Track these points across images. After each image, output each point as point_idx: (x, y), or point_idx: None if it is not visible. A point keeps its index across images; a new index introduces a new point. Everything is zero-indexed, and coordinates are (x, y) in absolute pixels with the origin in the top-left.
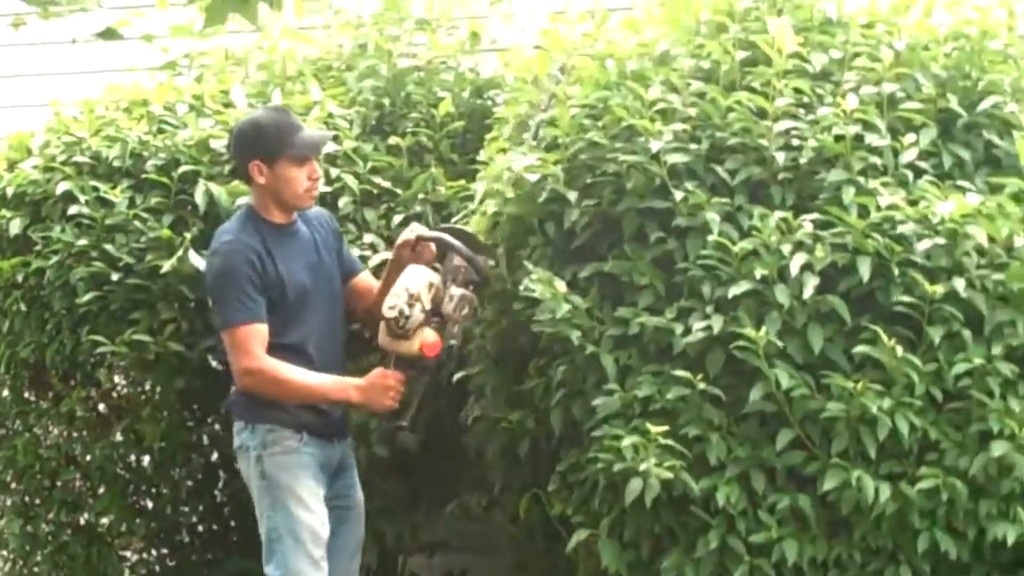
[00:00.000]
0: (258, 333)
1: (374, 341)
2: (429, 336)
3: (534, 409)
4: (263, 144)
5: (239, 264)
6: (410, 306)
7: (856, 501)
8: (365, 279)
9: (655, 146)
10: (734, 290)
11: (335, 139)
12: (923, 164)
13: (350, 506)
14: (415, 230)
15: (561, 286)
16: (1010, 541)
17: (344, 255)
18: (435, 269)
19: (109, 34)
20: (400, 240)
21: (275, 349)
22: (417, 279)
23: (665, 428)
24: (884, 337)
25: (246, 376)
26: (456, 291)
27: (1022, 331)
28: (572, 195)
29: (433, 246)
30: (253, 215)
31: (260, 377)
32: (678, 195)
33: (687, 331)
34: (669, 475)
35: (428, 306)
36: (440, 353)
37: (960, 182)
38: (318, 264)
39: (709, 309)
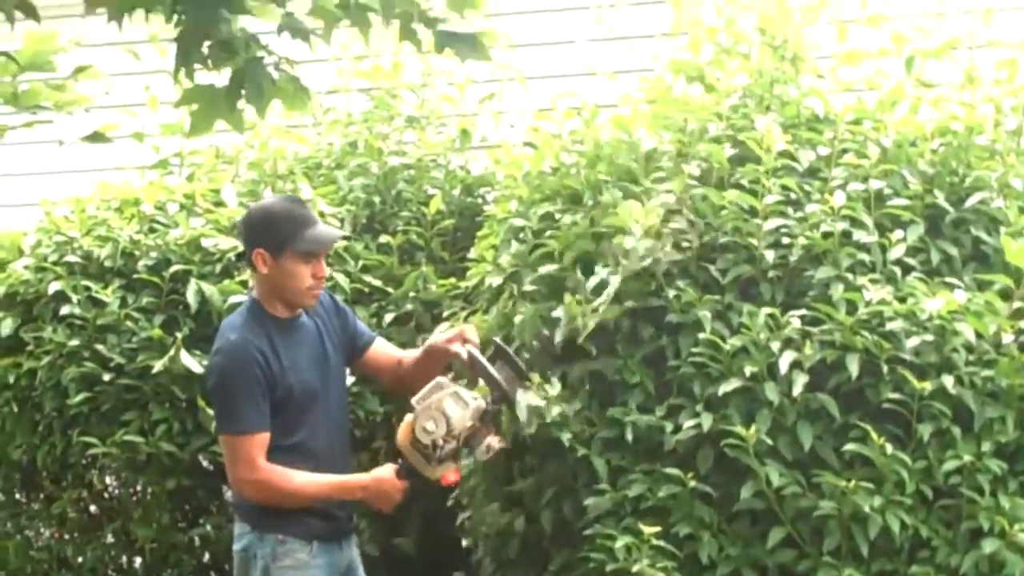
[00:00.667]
0: (262, 441)
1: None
2: (451, 473)
3: (524, 509)
4: (271, 234)
5: (246, 367)
6: (446, 441)
7: None
8: (382, 350)
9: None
10: (724, 388)
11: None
12: (911, 260)
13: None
14: (471, 347)
15: (553, 390)
16: None
17: (352, 330)
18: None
19: (96, 138)
20: (450, 343)
21: (278, 451)
22: (462, 415)
23: (657, 528)
24: (874, 435)
25: (248, 487)
26: (495, 442)
27: (1011, 427)
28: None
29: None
30: (257, 308)
31: (264, 487)
32: (671, 293)
33: (677, 429)
34: None
35: (462, 443)
36: (457, 480)
37: (948, 279)
38: (323, 358)
39: (699, 407)
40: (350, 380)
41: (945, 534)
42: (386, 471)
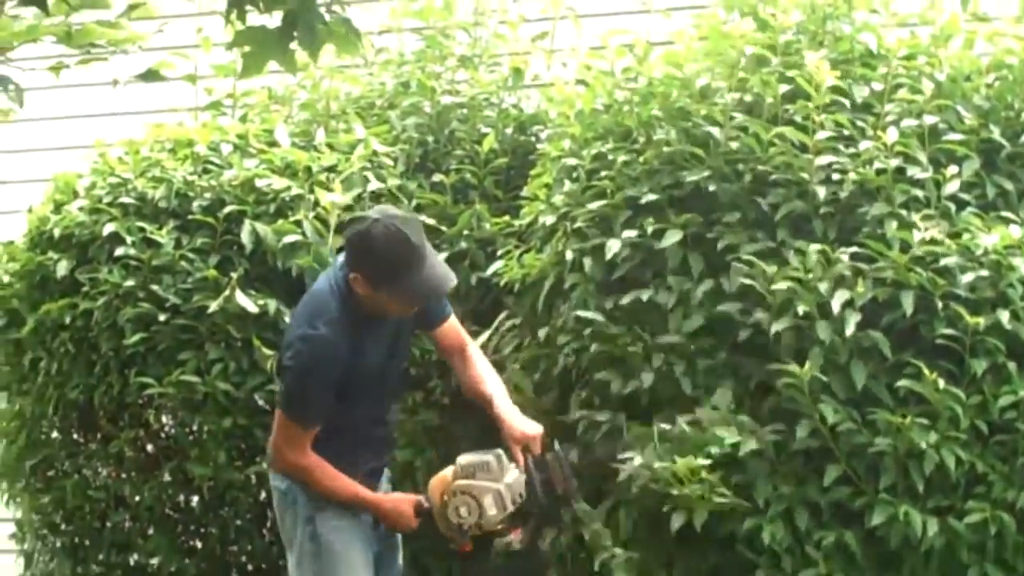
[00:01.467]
0: (313, 433)
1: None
2: (466, 546)
3: (576, 441)
4: (370, 269)
5: (329, 367)
6: (475, 528)
7: (904, 536)
8: (448, 332)
9: (696, 177)
10: (776, 326)
11: (379, 178)
12: (966, 196)
13: (394, 542)
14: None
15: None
16: None
17: (424, 315)
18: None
19: (151, 76)
20: (516, 442)
21: (325, 431)
22: (496, 516)
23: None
24: (926, 371)
25: (288, 466)
26: (516, 541)
27: None
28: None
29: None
30: (347, 293)
31: (297, 471)
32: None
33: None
34: (723, 499)
35: (484, 531)
36: (471, 549)
37: (1004, 213)
38: (396, 335)
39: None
40: None
41: (1001, 469)
42: (407, 504)
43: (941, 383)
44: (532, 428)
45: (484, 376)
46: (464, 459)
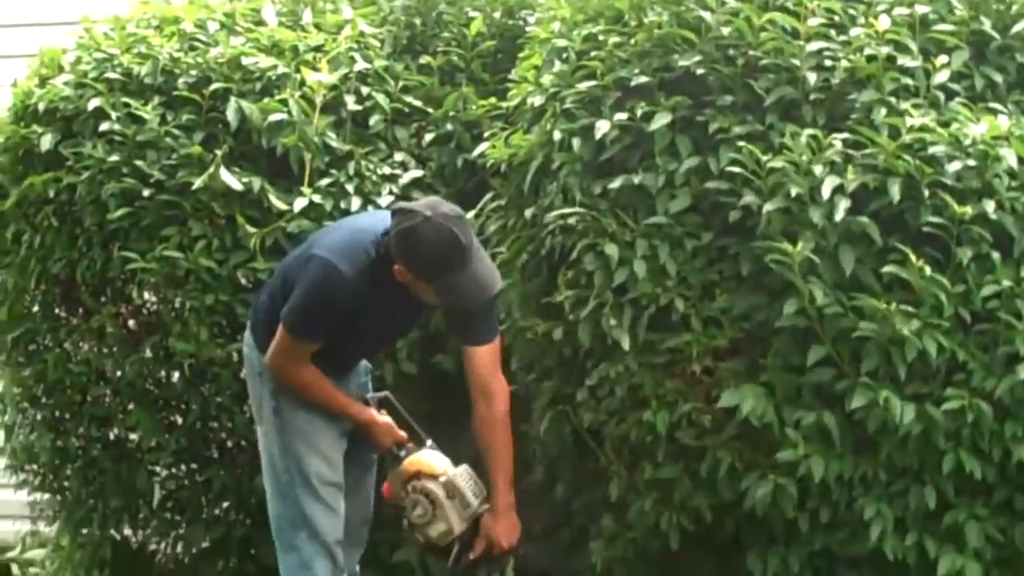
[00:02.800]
0: (311, 348)
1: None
2: (391, 491)
3: (563, 321)
4: (414, 264)
5: (334, 297)
6: (408, 521)
7: (883, 421)
8: (485, 359)
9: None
10: (768, 206)
11: (365, 59)
12: (955, 86)
13: (366, 463)
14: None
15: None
16: None
17: (468, 323)
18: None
19: None
20: (499, 545)
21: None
22: (436, 536)
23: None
24: (913, 258)
25: (278, 368)
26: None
27: None
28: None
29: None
30: (382, 260)
31: (291, 377)
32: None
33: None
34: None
35: (426, 521)
36: (388, 497)
37: (992, 104)
38: (413, 313)
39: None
40: None
41: (982, 358)
42: (390, 437)
43: (927, 270)
44: (507, 539)
45: (497, 451)
46: (459, 479)
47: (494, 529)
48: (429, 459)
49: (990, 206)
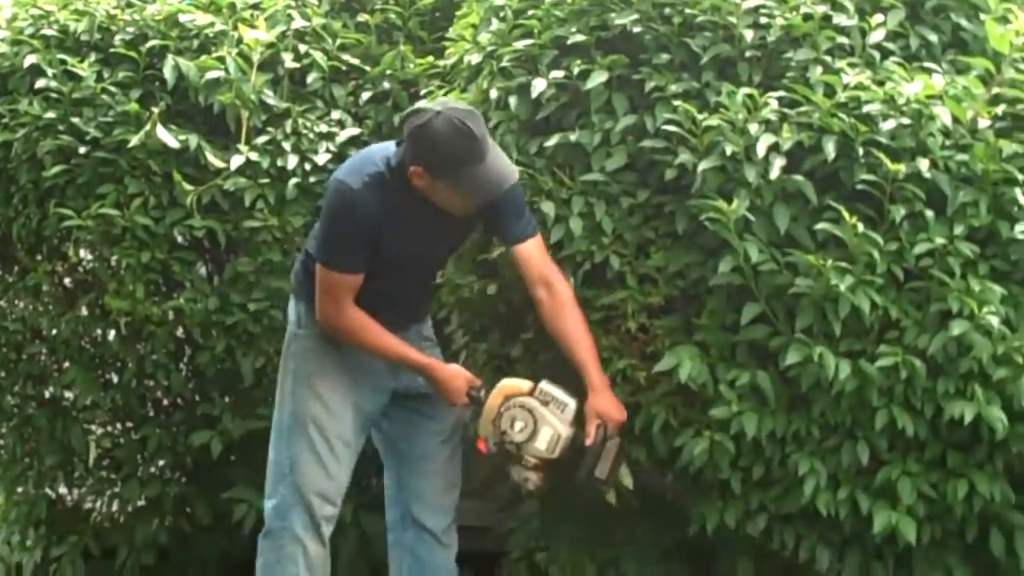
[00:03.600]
0: (351, 282)
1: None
2: (488, 446)
3: (498, 276)
4: (431, 160)
5: (354, 218)
6: (516, 447)
7: (816, 377)
8: (523, 258)
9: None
10: (704, 164)
11: (303, 16)
12: (890, 45)
13: (431, 394)
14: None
15: None
16: (967, 420)
17: (497, 221)
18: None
19: None
20: (594, 420)
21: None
22: (540, 447)
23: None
24: (846, 216)
25: (325, 317)
26: (531, 482)
27: (984, 212)
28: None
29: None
30: (393, 174)
31: (339, 325)
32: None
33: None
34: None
35: (518, 454)
36: (485, 453)
37: (927, 64)
38: (436, 235)
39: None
40: None
41: (915, 315)
42: (462, 380)
43: (860, 228)
44: (618, 412)
45: (575, 335)
46: (548, 386)
47: (600, 406)
48: (510, 383)
49: (924, 164)
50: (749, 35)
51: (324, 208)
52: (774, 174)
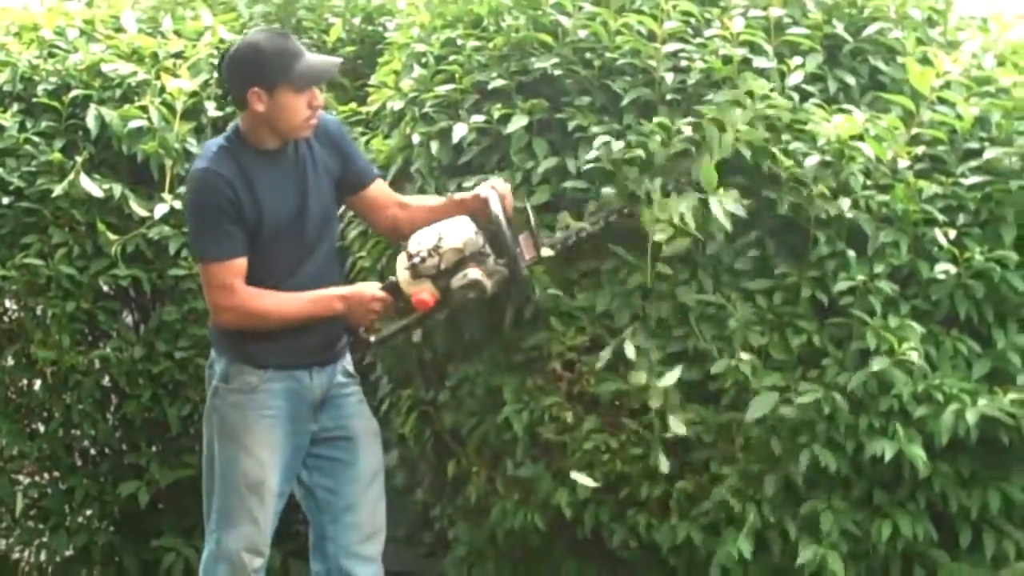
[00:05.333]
0: (238, 268)
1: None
2: (425, 293)
3: (423, 325)
4: (263, 70)
5: (213, 195)
6: (430, 255)
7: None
8: (379, 190)
9: (544, 64)
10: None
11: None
12: (810, 88)
13: (350, 436)
14: (493, 201)
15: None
16: (887, 458)
17: (353, 164)
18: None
19: None
20: (474, 194)
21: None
22: (456, 235)
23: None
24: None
25: (225, 314)
26: (473, 273)
27: (904, 252)
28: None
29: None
30: (236, 140)
31: (241, 312)
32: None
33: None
34: None
35: (443, 266)
36: (427, 313)
37: (845, 106)
38: (305, 189)
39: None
40: None
41: (835, 353)
42: (368, 284)
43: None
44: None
45: (427, 201)
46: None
47: (480, 190)
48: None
49: (845, 204)
50: (670, 78)
51: (185, 203)
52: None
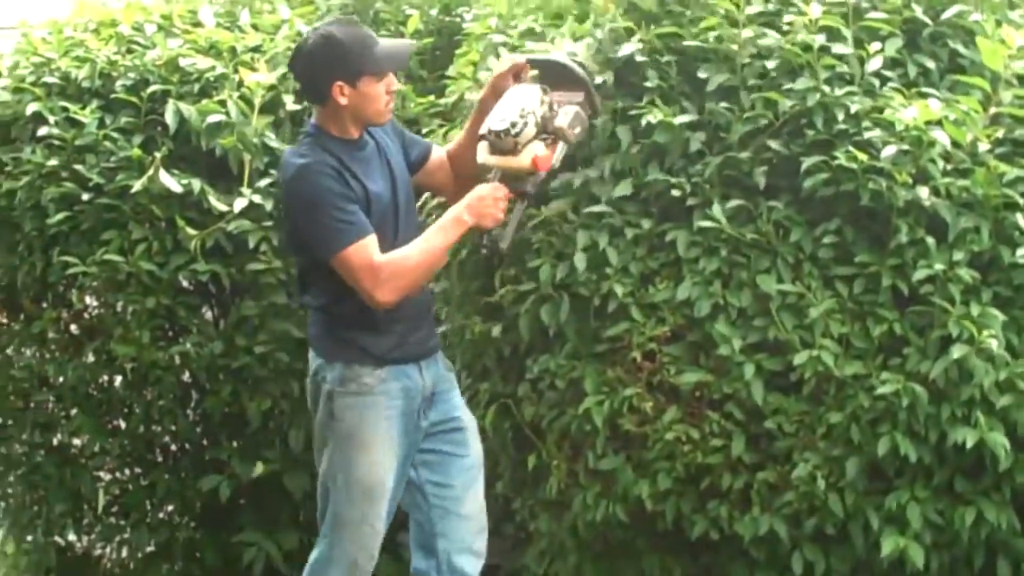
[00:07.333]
0: (370, 245)
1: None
2: (541, 150)
3: (502, 318)
4: (345, 63)
5: (325, 183)
6: (522, 119)
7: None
8: (438, 155)
9: (627, 50)
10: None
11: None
12: (889, 73)
13: (460, 427)
14: (517, 58)
15: None
16: (968, 445)
17: (410, 144)
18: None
19: None
20: (498, 72)
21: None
22: (528, 95)
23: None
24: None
25: (380, 293)
26: (570, 108)
27: (985, 237)
28: None
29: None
30: (322, 135)
31: (394, 285)
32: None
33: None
34: None
35: (539, 120)
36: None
37: (925, 90)
38: (391, 174)
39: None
40: None
41: (916, 341)
42: (477, 188)
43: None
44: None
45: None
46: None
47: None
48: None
49: (924, 192)
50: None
51: (295, 210)
52: None
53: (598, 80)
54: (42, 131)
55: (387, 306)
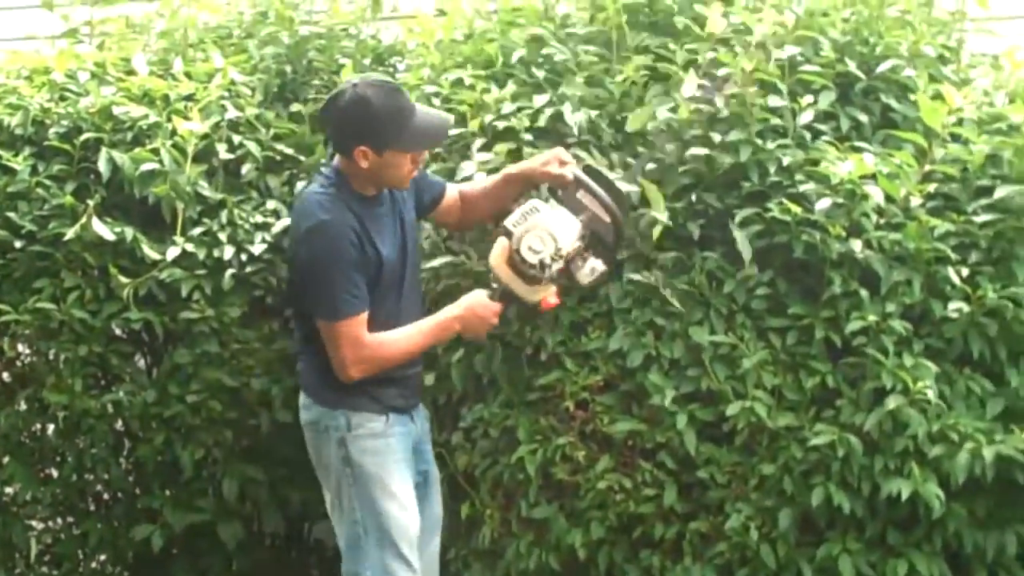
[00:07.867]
0: (364, 320)
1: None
2: (551, 296)
3: (436, 366)
4: (375, 132)
5: (343, 247)
6: (553, 260)
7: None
8: (450, 195)
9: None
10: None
11: (237, 107)
12: (821, 126)
13: (429, 480)
14: (570, 169)
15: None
16: (903, 497)
17: (425, 188)
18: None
19: None
20: (547, 166)
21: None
22: (569, 233)
23: None
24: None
25: (355, 367)
26: (598, 265)
27: (917, 290)
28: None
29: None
30: (344, 186)
31: (370, 364)
32: (584, 154)
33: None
34: None
35: (567, 266)
36: (557, 302)
37: (857, 143)
38: (403, 233)
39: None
40: None
41: (849, 393)
42: (477, 296)
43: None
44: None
45: (477, 185)
46: (509, 219)
47: (536, 163)
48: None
49: (857, 245)
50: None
51: (314, 263)
52: None
53: None
54: None
55: (349, 380)
